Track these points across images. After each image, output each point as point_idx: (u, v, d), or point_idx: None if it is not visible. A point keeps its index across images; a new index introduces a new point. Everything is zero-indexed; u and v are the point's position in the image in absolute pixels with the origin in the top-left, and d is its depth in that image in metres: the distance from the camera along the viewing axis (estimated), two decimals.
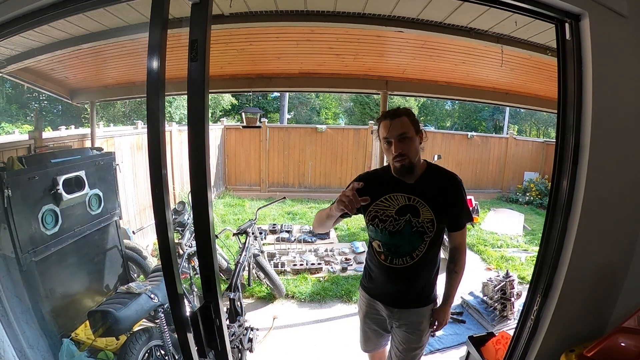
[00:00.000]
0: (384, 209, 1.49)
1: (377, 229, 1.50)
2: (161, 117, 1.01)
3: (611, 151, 1.30)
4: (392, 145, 1.41)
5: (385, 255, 1.52)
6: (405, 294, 1.57)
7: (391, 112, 1.44)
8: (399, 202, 1.48)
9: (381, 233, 1.50)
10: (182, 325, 1.09)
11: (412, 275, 1.53)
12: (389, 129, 1.41)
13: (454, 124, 17.71)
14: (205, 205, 1.04)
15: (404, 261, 1.51)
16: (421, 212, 1.46)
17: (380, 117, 1.48)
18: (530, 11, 1.30)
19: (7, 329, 1.90)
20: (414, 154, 1.44)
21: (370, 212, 1.51)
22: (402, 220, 1.47)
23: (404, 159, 1.42)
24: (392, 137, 1.41)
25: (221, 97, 12.92)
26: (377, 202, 1.50)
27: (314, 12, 2.01)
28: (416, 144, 1.45)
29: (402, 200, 1.48)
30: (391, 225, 1.48)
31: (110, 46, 2.53)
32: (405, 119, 1.42)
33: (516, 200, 7.76)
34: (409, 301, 1.57)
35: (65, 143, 3.78)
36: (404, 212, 1.47)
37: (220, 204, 6.89)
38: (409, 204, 1.47)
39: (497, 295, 3.17)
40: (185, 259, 2.88)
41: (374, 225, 1.51)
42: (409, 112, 1.46)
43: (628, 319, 1.31)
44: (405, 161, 1.42)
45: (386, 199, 1.50)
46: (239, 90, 7.79)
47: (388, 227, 1.48)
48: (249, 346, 2.40)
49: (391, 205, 1.49)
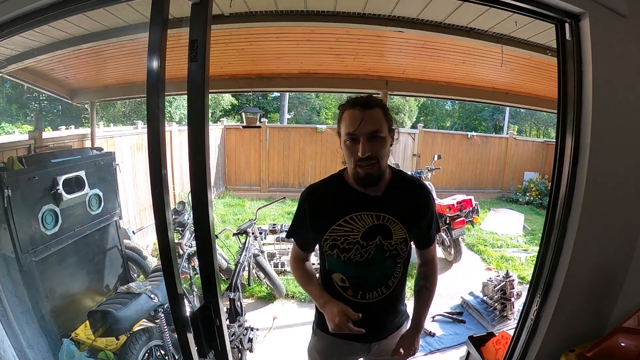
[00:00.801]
0: (345, 234, 1.16)
1: (339, 260, 1.19)
2: (161, 117, 1.01)
3: (611, 151, 1.30)
4: (358, 143, 1.08)
5: (353, 290, 1.21)
6: (384, 324, 1.31)
7: (362, 101, 1.11)
8: (365, 224, 1.16)
9: (344, 265, 1.19)
10: (182, 325, 1.09)
11: (390, 305, 1.29)
12: (358, 123, 1.07)
13: (454, 124, 17.70)
14: (205, 205, 1.04)
15: (379, 293, 1.23)
16: (394, 232, 1.18)
17: (346, 105, 1.13)
18: (530, 11, 1.30)
19: (7, 329, 1.90)
20: (385, 159, 1.14)
21: (327, 240, 1.18)
22: (371, 245, 1.17)
23: (373, 164, 1.10)
24: (360, 134, 1.08)
25: (221, 97, 12.91)
26: (334, 226, 1.16)
27: (314, 12, 2.01)
28: (388, 145, 1.14)
29: (369, 221, 1.16)
30: (358, 255, 1.17)
31: (110, 46, 2.53)
32: (379, 111, 1.11)
33: (516, 200, 7.77)
34: (389, 329, 1.33)
35: (65, 143, 3.78)
36: (372, 235, 1.16)
37: (220, 204, 6.89)
38: (378, 224, 1.16)
39: (497, 295, 3.17)
40: (185, 259, 2.88)
41: (333, 256, 1.19)
42: (382, 104, 1.15)
43: (628, 319, 1.31)
44: (375, 167, 1.10)
45: (347, 221, 1.16)
46: (239, 90, 7.78)
47: (353, 258, 1.17)
48: (249, 346, 2.40)
49: (355, 228, 1.16)
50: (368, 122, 1.08)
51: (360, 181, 1.14)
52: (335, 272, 1.22)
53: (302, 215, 1.23)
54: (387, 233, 1.17)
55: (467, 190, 6.95)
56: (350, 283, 1.21)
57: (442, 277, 4.29)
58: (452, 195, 4.77)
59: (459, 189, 7.57)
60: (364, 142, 1.08)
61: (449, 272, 4.41)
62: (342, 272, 1.21)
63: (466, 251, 4.79)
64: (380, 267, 1.20)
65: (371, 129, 1.08)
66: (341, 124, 1.13)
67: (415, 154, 8.00)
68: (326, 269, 1.25)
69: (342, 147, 1.14)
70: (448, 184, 7.90)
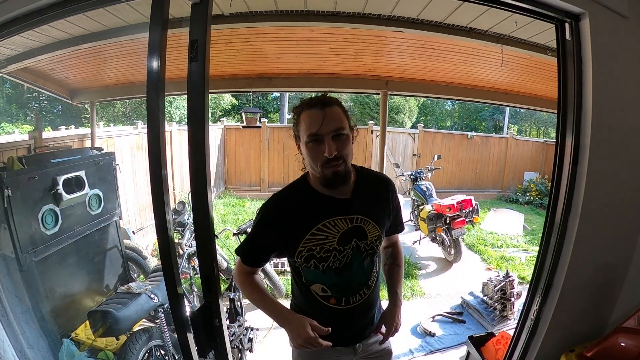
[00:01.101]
0: (320, 243, 1.11)
1: (317, 270, 1.13)
2: (161, 117, 1.01)
3: (611, 151, 1.30)
4: (322, 144, 1.04)
5: (336, 298, 1.17)
6: (368, 324, 1.28)
7: (319, 100, 1.06)
8: (339, 229, 1.12)
9: (323, 275, 1.13)
10: (182, 325, 1.09)
11: (371, 303, 1.26)
12: (320, 122, 1.03)
13: (454, 124, 17.70)
14: (205, 205, 1.04)
15: (362, 295, 1.20)
16: (368, 232, 1.15)
17: (302, 106, 1.08)
18: (530, 11, 1.30)
19: (7, 329, 1.90)
20: (350, 158, 1.11)
21: (301, 252, 1.11)
22: (348, 249, 1.13)
23: (339, 163, 1.06)
24: (324, 133, 1.03)
25: (221, 97, 12.91)
26: (307, 236, 1.10)
27: (314, 12, 2.01)
28: (351, 144, 1.11)
29: (343, 225, 1.12)
30: (336, 261, 1.12)
31: (110, 46, 2.53)
32: (338, 109, 1.07)
33: (516, 200, 7.77)
34: (371, 327, 1.30)
35: (65, 143, 3.78)
36: (347, 239, 1.12)
37: (220, 204, 6.89)
38: (352, 227, 1.13)
39: (497, 295, 3.17)
40: (185, 259, 2.88)
41: (310, 268, 1.13)
42: (339, 101, 1.11)
43: (628, 319, 1.31)
44: (342, 167, 1.06)
45: (320, 229, 1.11)
46: (239, 90, 7.79)
47: (332, 265, 1.12)
48: (249, 346, 2.41)
49: (330, 235, 1.11)
50: (331, 121, 1.04)
51: (329, 183, 1.08)
52: (315, 284, 1.16)
53: (267, 229, 1.15)
54: (362, 234, 1.15)
55: (467, 190, 6.96)
56: (332, 291, 1.16)
57: (442, 277, 4.29)
58: (452, 195, 4.77)
59: (459, 189, 7.57)
60: (329, 142, 1.03)
61: (449, 272, 4.41)
62: (322, 282, 1.15)
63: (466, 251, 4.80)
64: (359, 269, 1.17)
65: (335, 126, 1.04)
66: (299, 126, 1.08)
67: (415, 154, 8.00)
68: (303, 281, 1.18)
69: (304, 150, 1.08)
70: (448, 184, 7.90)
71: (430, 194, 5.03)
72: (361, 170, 1.23)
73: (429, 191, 5.06)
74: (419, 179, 5.32)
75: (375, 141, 7.62)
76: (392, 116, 12.12)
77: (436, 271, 4.45)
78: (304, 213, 1.13)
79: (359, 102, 12.96)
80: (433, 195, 5.01)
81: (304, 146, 1.08)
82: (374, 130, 7.68)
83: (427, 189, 5.08)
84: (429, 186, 5.14)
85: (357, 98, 12.78)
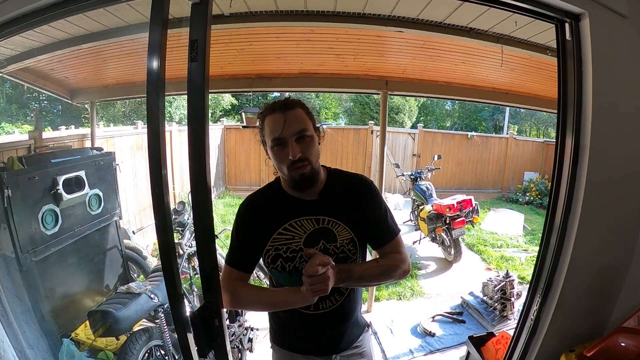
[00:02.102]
0: (286, 243, 1.12)
1: (284, 271, 1.12)
2: (161, 117, 1.01)
3: (611, 151, 1.30)
4: (286, 147, 1.05)
5: None
6: (341, 334, 1.22)
7: (281, 104, 1.08)
8: (305, 229, 1.12)
9: (290, 276, 1.12)
10: (182, 325, 1.09)
11: (346, 313, 1.20)
12: (282, 126, 1.04)
13: (454, 124, 17.70)
14: (205, 205, 1.04)
15: (332, 301, 1.15)
16: (337, 235, 1.13)
17: (265, 111, 1.10)
18: (530, 11, 1.30)
19: (7, 329, 1.90)
20: (316, 159, 1.11)
21: (269, 251, 1.13)
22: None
23: (305, 165, 1.07)
24: (287, 136, 1.04)
25: (221, 97, 12.91)
26: (274, 235, 1.12)
27: (314, 12, 2.01)
28: (317, 144, 1.11)
29: (309, 226, 1.12)
30: (303, 262, 1.09)
31: (110, 46, 2.53)
32: (300, 110, 1.08)
33: (516, 200, 7.77)
34: (348, 340, 1.24)
35: (65, 143, 3.78)
36: (315, 240, 1.12)
37: (220, 204, 6.90)
38: (319, 228, 1.12)
39: (497, 295, 3.17)
40: (185, 259, 2.88)
41: (277, 269, 1.13)
42: (302, 103, 1.11)
43: (628, 319, 1.31)
44: (307, 168, 1.07)
45: (287, 228, 1.12)
46: (239, 90, 7.79)
47: (299, 266, 1.11)
48: (249, 346, 2.41)
49: (296, 235, 1.12)
50: (292, 123, 1.05)
51: (296, 185, 1.10)
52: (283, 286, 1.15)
53: (244, 228, 1.16)
54: (330, 236, 1.12)
55: (467, 190, 6.96)
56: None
57: (442, 277, 4.30)
58: (452, 195, 4.77)
59: (459, 189, 7.57)
60: (293, 144, 1.05)
61: (449, 272, 4.41)
62: (290, 284, 1.12)
63: (466, 251, 4.80)
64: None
65: (297, 128, 1.05)
66: (264, 131, 1.11)
67: (415, 154, 8.01)
68: (273, 281, 1.20)
69: (270, 155, 1.11)
70: (448, 184, 7.91)
71: (430, 194, 5.04)
72: (334, 171, 1.22)
73: (429, 191, 5.06)
74: (419, 179, 5.33)
75: (375, 141, 7.62)
76: (392, 116, 12.12)
77: (436, 271, 4.45)
78: (273, 213, 1.14)
79: (359, 102, 12.96)
80: (433, 195, 5.02)
81: (270, 150, 1.10)
82: (374, 130, 7.68)
83: (427, 189, 5.09)
84: (429, 186, 5.14)
85: (357, 98, 12.79)
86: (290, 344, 1.25)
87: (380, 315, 3.41)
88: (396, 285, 3.96)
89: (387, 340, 3.00)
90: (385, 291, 3.83)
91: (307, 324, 1.18)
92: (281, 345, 1.27)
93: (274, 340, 1.30)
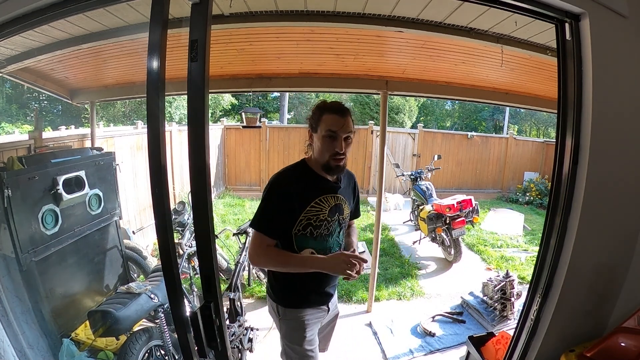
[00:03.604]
0: (317, 213, 1.43)
1: (311, 237, 1.44)
2: (161, 117, 1.01)
3: (611, 151, 1.30)
4: (336, 140, 1.37)
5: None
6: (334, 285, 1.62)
7: (341, 108, 1.40)
8: (329, 204, 1.46)
9: (315, 240, 1.45)
10: (182, 325, 1.09)
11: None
12: (341, 126, 1.36)
13: (454, 124, 17.70)
14: (205, 205, 1.04)
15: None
16: (344, 210, 1.53)
17: (326, 109, 1.39)
18: (530, 11, 1.30)
19: (7, 329, 1.90)
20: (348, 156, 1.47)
21: (302, 220, 1.41)
22: (334, 221, 1.47)
23: (343, 158, 1.41)
24: (341, 134, 1.37)
25: (221, 97, 12.91)
26: (308, 207, 1.41)
27: (314, 12, 2.01)
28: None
29: (332, 201, 1.47)
30: (325, 229, 1.45)
31: (110, 46, 2.53)
32: (350, 119, 1.41)
33: (516, 200, 7.77)
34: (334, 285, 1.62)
35: (65, 143, 3.78)
36: (334, 212, 1.47)
37: (220, 204, 6.90)
38: (336, 204, 1.48)
39: (497, 295, 3.17)
40: (185, 259, 2.88)
41: (307, 234, 1.43)
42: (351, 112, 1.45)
43: (628, 319, 1.31)
44: (343, 161, 1.42)
45: (317, 202, 1.43)
46: (239, 90, 7.79)
47: (322, 232, 1.45)
48: (249, 346, 2.40)
49: (323, 208, 1.44)
50: (347, 126, 1.38)
51: (331, 170, 1.43)
52: (305, 248, 1.44)
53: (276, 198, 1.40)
54: (341, 210, 1.51)
55: (467, 190, 6.96)
56: (319, 254, 1.44)
57: (442, 277, 4.30)
58: (452, 195, 4.77)
59: (459, 189, 7.57)
60: (342, 141, 1.38)
61: (449, 272, 4.41)
62: (312, 247, 1.44)
63: (466, 251, 4.80)
64: (337, 237, 1.53)
65: (348, 131, 1.39)
66: (320, 122, 1.38)
67: (415, 154, 8.01)
68: (295, 248, 1.44)
69: (319, 141, 1.39)
70: (448, 184, 7.91)
71: (430, 194, 5.04)
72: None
73: (429, 191, 5.06)
74: (419, 179, 5.32)
75: (375, 141, 7.62)
76: (392, 116, 12.12)
77: (436, 271, 4.45)
78: (306, 188, 1.42)
79: (359, 102, 12.95)
80: (433, 195, 5.02)
81: (320, 137, 1.39)
82: (374, 130, 7.68)
83: (427, 189, 5.09)
84: (429, 186, 5.14)
85: (357, 98, 12.77)
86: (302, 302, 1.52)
87: (380, 315, 3.41)
88: (396, 286, 3.96)
89: (387, 340, 3.00)
90: (385, 291, 3.83)
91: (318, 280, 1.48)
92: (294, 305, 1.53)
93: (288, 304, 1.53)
